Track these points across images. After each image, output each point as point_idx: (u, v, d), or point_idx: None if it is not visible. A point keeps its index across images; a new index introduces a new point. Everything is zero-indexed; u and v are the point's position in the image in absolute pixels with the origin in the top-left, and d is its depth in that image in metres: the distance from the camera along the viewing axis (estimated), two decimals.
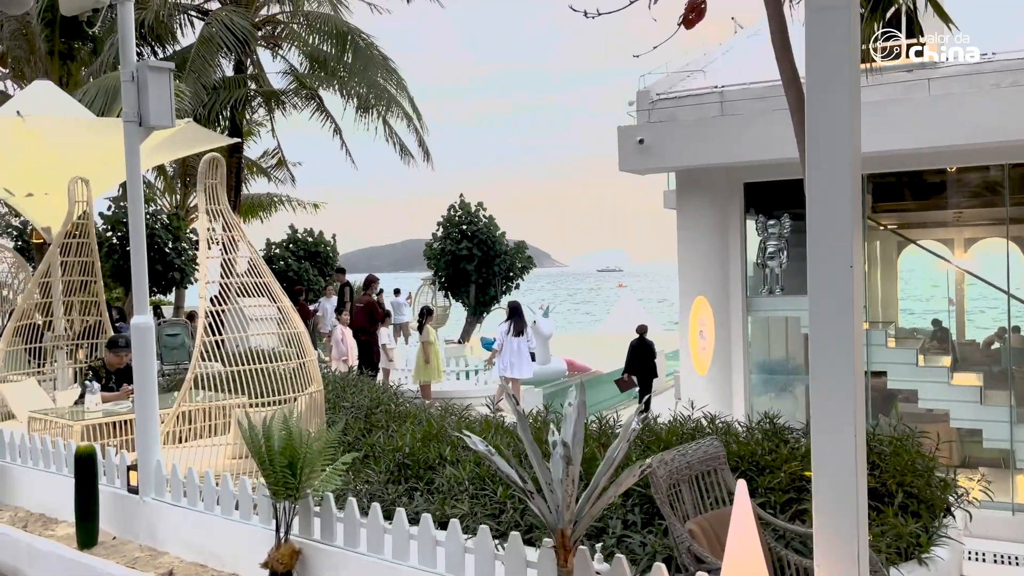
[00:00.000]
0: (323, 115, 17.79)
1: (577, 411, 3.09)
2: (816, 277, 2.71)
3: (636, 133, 10.32)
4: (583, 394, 3.18)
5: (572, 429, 3.06)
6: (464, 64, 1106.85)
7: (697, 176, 10.65)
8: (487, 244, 21.66)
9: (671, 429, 6.14)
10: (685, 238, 10.83)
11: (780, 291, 10.65)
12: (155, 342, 13.27)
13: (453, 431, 6.45)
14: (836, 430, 2.67)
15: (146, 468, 5.18)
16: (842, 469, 2.63)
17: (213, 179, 6.83)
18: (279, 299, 6.79)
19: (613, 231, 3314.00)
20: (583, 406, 3.13)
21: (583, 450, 3.39)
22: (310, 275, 22.80)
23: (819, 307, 2.70)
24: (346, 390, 9.13)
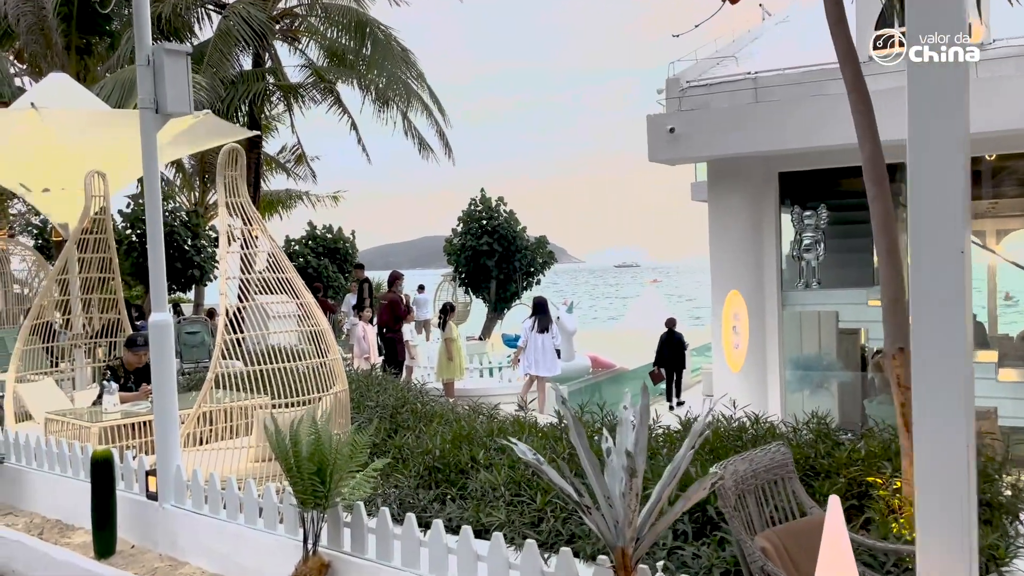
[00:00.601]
0: (340, 109, 17.54)
1: (639, 416, 2.78)
2: (923, 264, 2.37)
3: (666, 122, 9.97)
4: (647, 397, 2.86)
5: (634, 436, 2.74)
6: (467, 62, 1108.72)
7: (730, 166, 10.28)
8: (508, 239, 21.35)
9: (715, 431, 5.82)
10: (717, 230, 10.46)
11: (817, 284, 10.26)
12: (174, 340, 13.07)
13: (484, 432, 6.16)
14: (944, 435, 2.33)
15: (165, 473, 4.92)
16: (952, 480, 2.31)
17: (233, 171, 6.57)
18: (301, 295, 6.52)
19: (628, 226, 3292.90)
20: (647, 411, 2.82)
21: None
22: (329, 272, 22.61)
23: (926, 297, 2.36)
24: (370, 389, 8.86)
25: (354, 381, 9.06)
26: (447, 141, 17.09)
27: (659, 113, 10.27)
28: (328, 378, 6.33)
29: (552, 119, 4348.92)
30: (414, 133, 17.51)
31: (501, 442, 5.84)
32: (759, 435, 5.82)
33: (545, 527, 4.51)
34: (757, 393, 10.23)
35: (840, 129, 9.10)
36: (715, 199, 10.53)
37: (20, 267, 16.39)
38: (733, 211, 10.33)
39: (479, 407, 8.26)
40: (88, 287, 9.17)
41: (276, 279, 6.47)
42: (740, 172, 10.27)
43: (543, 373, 12.93)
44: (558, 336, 13.58)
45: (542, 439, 5.83)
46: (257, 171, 16.06)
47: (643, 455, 2.77)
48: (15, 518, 5.87)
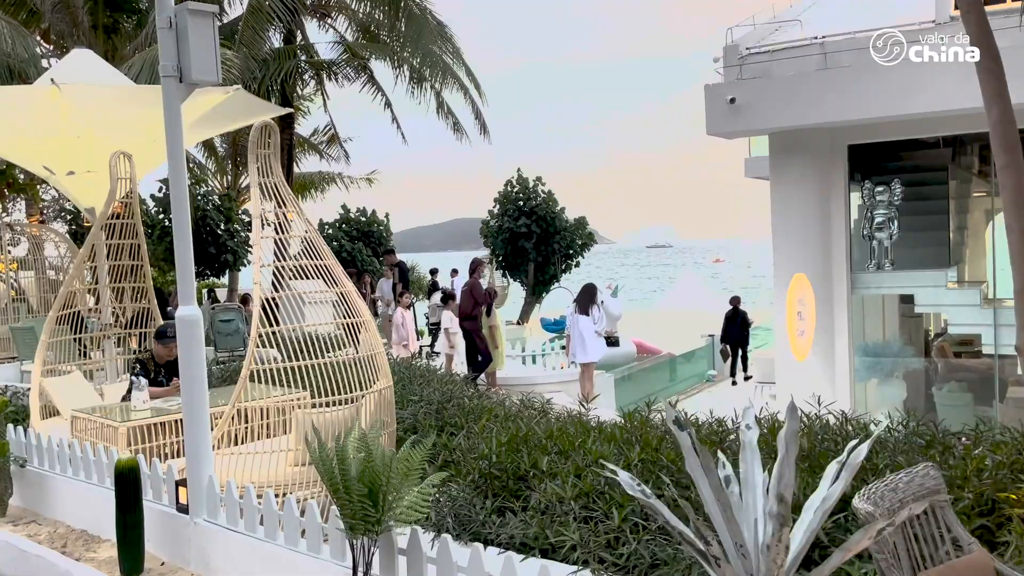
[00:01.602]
0: (374, 88, 16.99)
1: (786, 444, 2.18)
2: None
3: (726, 92, 9.26)
4: (795, 420, 2.26)
5: (777, 471, 2.15)
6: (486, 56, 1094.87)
7: (795, 138, 9.54)
8: (546, 220, 20.71)
9: (805, 432, 5.18)
10: (781, 209, 9.75)
11: (889, 266, 9.53)
12: (207, 329, 12.63)
13: (543, 434, 5.59)
14: None
15: (197, 485, 4.42)
16: None
17: (266, 149, 6.03)
18: (341, 283, 5.98)
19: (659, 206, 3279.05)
20: (795, 437, 2.21)
21: None
22: (363, 256, 22.16)
23: None
24: (412, 381, 8.34)
25: (395, 372, 8.55)
26: (483, 120, 16.47)
27: (717, 83, 9.56)
28: (373, 373, 5.79)
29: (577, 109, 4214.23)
30: (447, 112, 16.91)
31: (563, 445, 5.28)
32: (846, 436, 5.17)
33: (624, 550, 3.94)
34: (823, 384, 9.54)
35: (922, 97, 8.36)
36: (778, 175, 9.81)
37: (54, 254, 16.14)
38: (798, 187, 9.61)
39: (529, 401, 7.72)
40: (118, 275, 8.74)
41: (313, 266, 5.94)
42: (806, 145, 9.53)
43: (581, 360, 12.32)
44: (601, 320, 12.90)
45: (609, 442, 5.24)
46: (290, 152, 15.60)
47: (790, 492, 2.17)
48: (38, 527, 5.44)
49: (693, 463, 2.29)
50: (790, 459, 2.19)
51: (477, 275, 12.70)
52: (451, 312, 13.27)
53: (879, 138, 9.28)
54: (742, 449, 2.43)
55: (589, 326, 12.30)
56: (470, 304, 12.06)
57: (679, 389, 17.33)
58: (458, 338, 13.22)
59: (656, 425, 5.77)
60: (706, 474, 2.23)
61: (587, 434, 5.49)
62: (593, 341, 12.32)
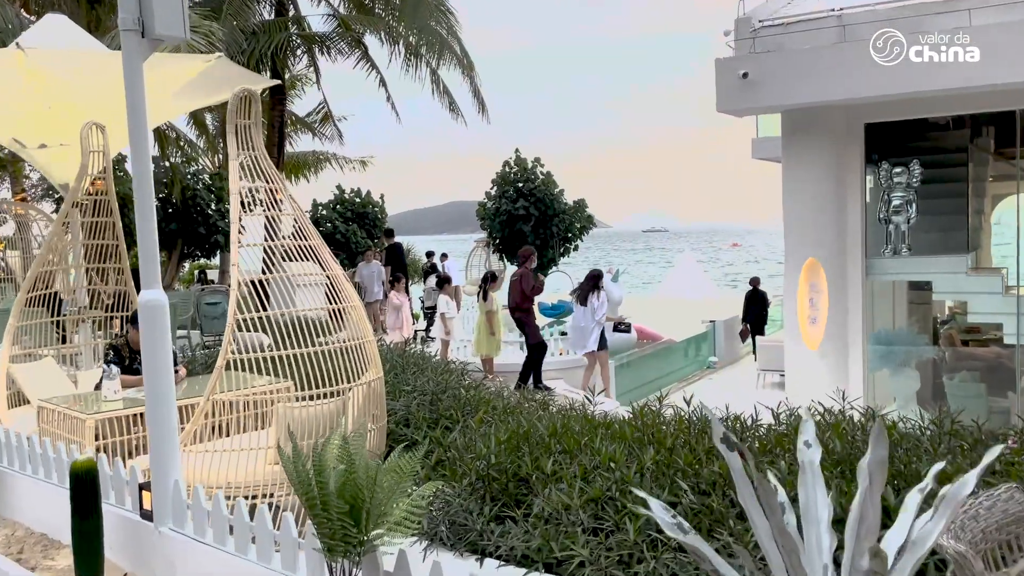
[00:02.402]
0: (368, 65, 16.41)
1: (870, 475, 1.73)
2: None
3: (738, 66, 8.77)
4: (884, 444, 1.81)
5: (859, 508, 1.70)
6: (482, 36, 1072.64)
7: (809, 116, 9.06)
8: (544, 203, 20.22)
9: (834, 428, 4.74)
10: (792, 190, 9.29)
11: (907, 251, 9.09)
12: (192, 313, 12.12)
13: (546, 431, 5.14)
14: None
15: (162, 490, 3.97)
16: None
17: (246, 119, 5.53)
18: (329, 267, 5.51)
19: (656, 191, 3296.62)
20: (882, 467, 1.76)
21: None
22: (358, 237, 21.66)
23: None
24: (406, 369, 7.89)
25: (388, 360, 8.11)
26: (481, 99, 15.92)
27: (729, 56, 9.06)
28: (362, 363, 5.33)
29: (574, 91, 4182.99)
30: (443, 91, 16.34)
31: (567, 444, 4.83)
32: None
33: (641, 569, 3.50)
34: (837, 373, 9.14)
35: (945, 73, 7.88)
36: (791, 155, 9.34)
37: (42, 234, 15.65)
38: (811, 169, 9.14)
39: (529, 392, 7.29)
40: (94, 255, 8.26)
41: (300, 247, 5.47)
42: (820, 124, 9.06)
43: (580, 351, 11.88)
44: (602, 307, 12.34)
45: (618, 441, 4.80)
46: (281, 130, 15.06)
47: (874, 534, 1.73)
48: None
49: (746, 494, 1.84)
50: (875, 494, 1.75)
51: (528, 265, 11.68)
52: (447, 296, 12.80)
53: (898, 117, 8.82)
54: (801, 472, 1.99)
55: (582, 316, 11.79)
56: (519, 295, 11.27)
57: (680, 376, 16.92)
58: (454, 323, 12.74)
59: (668, 420, 5.34)
60: (766, 511, 1.78)
61: (594, 432, 5.05)
62: (589, 331, 11.73)
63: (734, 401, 13.26)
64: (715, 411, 5.32)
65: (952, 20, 8.04)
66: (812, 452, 2.01)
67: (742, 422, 5.12)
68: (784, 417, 5.33)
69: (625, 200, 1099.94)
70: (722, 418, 5.33)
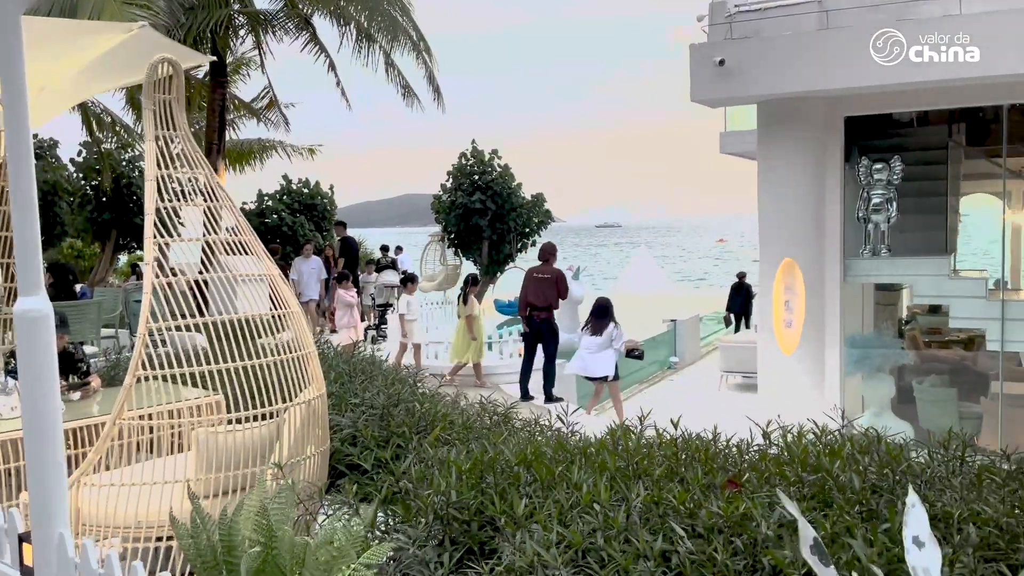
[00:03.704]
0: (317, 48, 15.52)
1: None
2: None
3: (715, 52, 8.20)
4: None
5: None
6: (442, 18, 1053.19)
7: (787, 108, 8.55)
8: (502, 196, 19.57)
9: (835, 452, 4.17)
10: (769, 187, 8.79)
11: (886, 251, 8.64)
12: (121, 310, 11.15)
13: (513, 457, 4.47)
14: None
15: (44, 544, 3.19)
16: None
17: (166, 93, 4.76)
18: (264, 264, 4.77)
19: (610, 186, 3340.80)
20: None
21: None
22: (306, 230, 20.71)
23: None
24: (353, 378, 7.16)
25: (333, 368, 7.37)
26: (436, 85, 15.16)
27: (705, 43, 8.49)
28: (300, 379, 4.60)
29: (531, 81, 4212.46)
30: (397, 76, 15.53)
31: (539, 474, 4.17)
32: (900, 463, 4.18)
33: None
34: (812, 379, 8.67)
35: (938, 64, 7.42)
36: (767, 150, 8.83)
37: None
38: (788, 164, 8.65)
39: (489, 404, 6.61)
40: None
41: (234, 242, 4.72)
42: (799, 116, 8.55)
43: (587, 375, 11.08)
44: (620, 338, 11.02)
45: (598, 472, 4.15)
46: (222, 115, 14.10)
47: None
48: None
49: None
50: None
51: (553, 261, 10.81)
52: (409, 296, 12.07)
53: (881, 110, 8.37)
54: (908, 515, 1.36)
55: (591, 341, 10.90)
56: (554, 295, 10.42)
57: (641, 377, 16.42)
58: (414, 326, 11.98)
59: (650, 444, 4.72)
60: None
61: (569, 460, 4.40)
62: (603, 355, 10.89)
63: (698, 404, 12.81)
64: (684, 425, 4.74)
65: (939, 7, 7.59)
66: (927, 554, 1.39)
67: (738, 447, 4.53)
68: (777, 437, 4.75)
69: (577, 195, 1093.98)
70: (707, 439, 4.74)
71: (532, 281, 10.37)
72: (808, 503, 3.72)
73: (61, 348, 6.08)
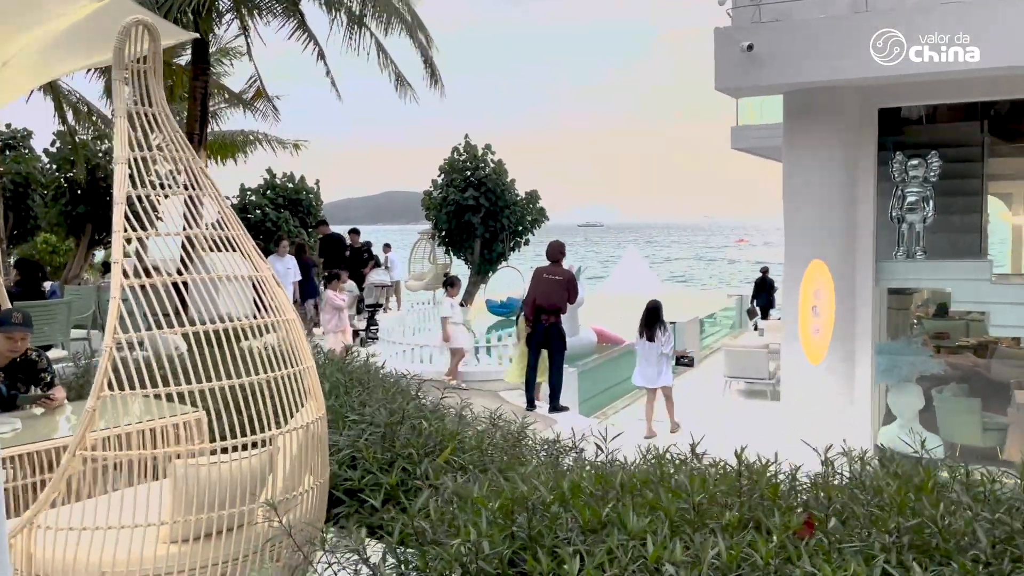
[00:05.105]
0: (306, 36, 14.77)
1: None
2: None
3: (742, 36, 7.59)
4: None
5: None
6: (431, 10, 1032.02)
7: (817, 99, 7.95)
8: (495, 193, 18.94)
9: (921, 487, 3.54)
10: (795, 184, 8.19)
11: (921, 254, 8.07)
12: (93, 310, 10.36)
13: (547, 490, 3.81)
14: None
15: None
16: None
17: (139, 62, 4.06)
18: (256, 264, 4.08)
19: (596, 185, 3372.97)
20: None
21: None
22: (290, 226, 19.96)
23: None
24: (350, 390, 6.48)
25: (326, 377, 6.68)
26: (434, 68, 14.44)
27: (730, 27, 7.88)
28: (297, 399, 3.92)
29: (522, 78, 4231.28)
30: (389, 64, 14.79)
31: (580, 515, 3.52)
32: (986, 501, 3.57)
33: None
34: (842, 390, 8.09)
35: (986, 48, 6.86)
36: (794, 144, 8.22)
37: None
38: (818, 158, 8.05)
39: (499, 420, 5.97)
40: None
41: (219, 238, 4.04)
42: (829, 107, 7.96)
43: (649, 384, 11.48)
44: (669, 342, 11.53)
45: (652, 512, 3.50)
46: (204, 103, 13.33)
47: None
48: None
49: None
50: None
51: (563, 261, 10.14)
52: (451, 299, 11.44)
53: (918, 101, 7.79)
54: None
55: (649, 350, 11.35)
56: (565, 296, 9.82)
57: None
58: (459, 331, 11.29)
59: (703, 476, 4.08)
60: None
61: (613, 499, 3.73)
62: (660, 365, 11.39)
63: (706, 414, 12.11)
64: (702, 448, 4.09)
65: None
66: None
67: (792, 481, 3.89)
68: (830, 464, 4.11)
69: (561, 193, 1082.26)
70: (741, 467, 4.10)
71: (541, 282, 9.72)
72: (908, 553, 3.10)
73: (23, 353, 5.36)
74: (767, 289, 20.15)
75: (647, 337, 11.31)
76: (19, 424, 4.72)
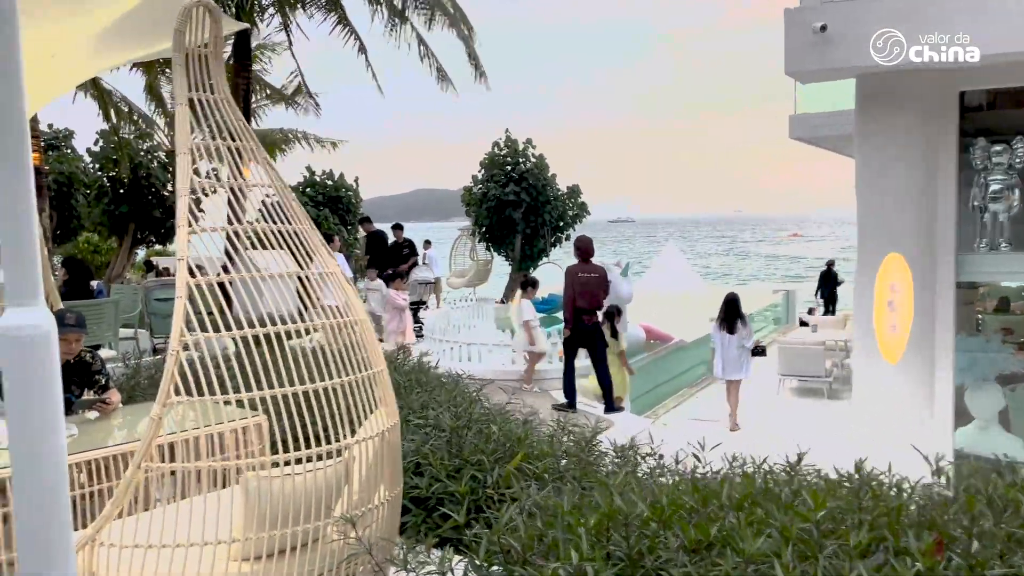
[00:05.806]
0: (347, 31, 14.58)
1: None
2: None
3: (813, 17, 7.18)
4: None
5: None
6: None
7: (892, 83, 7.50)
8: (536, 188, 18.61)
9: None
10: (870, 174, 7.75)
11: (1006, 246, 7.60)
12: (140, 309, 10.23)
13: (642, 503, 3.49)
14: None
15: None
16: None
17: (201, 46, 3.81)
18: (322, 260, 3.81)
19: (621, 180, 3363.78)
20: None
21: None
22: (330, 223, 19.84)
23: None
24: (410, 391, 6.21)
25: None
26: (478, 61, 14.16)
27: (800, 7, 7.47)
28: (370, 404, 3.65)
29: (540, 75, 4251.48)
30: (431, 58, 14.53)
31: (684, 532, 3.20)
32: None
33: None
34: (920, 390, 7.65)
35: None
36: (868, 130, 7.78)
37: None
38: (894, 145, 7.60)
39: (566, 423, 5.66)
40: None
41: (277, 232, 3.76)
42: (906, 91, 7.51)
43: (728, 376, 11.60)
44: (750, 336, 11.72)
45: (766, 531, 3.16)
46: (247, 100, 13.19)
47: None
48: None
49: None
50: None
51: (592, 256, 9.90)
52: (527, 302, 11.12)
53: (1004, 83, 7.30)
54: None
55: (728, 342, 11.44)
56: (601, 296, 9.61)
57: (691, 379, 15.43)
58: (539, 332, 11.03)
59: (810, 488, 3.74)
60: None
61: (716, 514, 3.40)
62: (740, 358, 11.51)
63: (763, 413, 11.62)
64: None
65: None
66: None
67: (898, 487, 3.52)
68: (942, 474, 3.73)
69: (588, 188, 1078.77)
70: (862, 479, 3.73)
71: (579, 282, 9.45)
72: None
73: (77, 355, 5.17)
74: (831, 282, 20.70)
75: (727, 329, 11.35)
76: (75, 430, 4.51)
